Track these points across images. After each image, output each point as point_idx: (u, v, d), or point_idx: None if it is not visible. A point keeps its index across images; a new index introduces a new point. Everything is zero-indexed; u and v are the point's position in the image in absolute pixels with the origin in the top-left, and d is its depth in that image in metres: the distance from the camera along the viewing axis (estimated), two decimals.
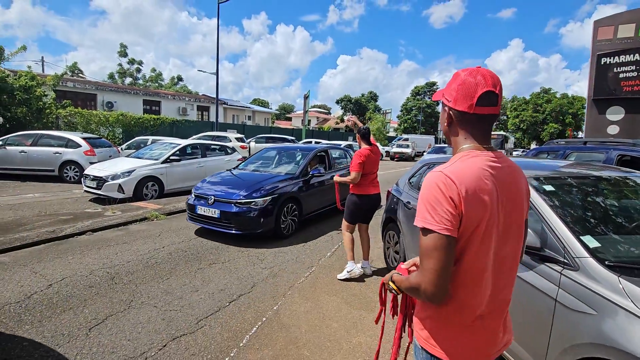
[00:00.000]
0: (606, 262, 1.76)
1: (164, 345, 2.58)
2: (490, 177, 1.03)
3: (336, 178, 4.10)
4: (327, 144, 13.63)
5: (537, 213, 2.16)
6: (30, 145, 10.16)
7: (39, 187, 9.17)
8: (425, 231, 0.99)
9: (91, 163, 9.30)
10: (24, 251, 4.41)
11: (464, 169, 1.02)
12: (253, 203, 5.01)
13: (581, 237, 1.93)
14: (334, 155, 7.36)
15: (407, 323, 1.42)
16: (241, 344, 2.65)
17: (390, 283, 1.29)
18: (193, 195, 5.54)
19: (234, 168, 6.84)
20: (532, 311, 1.98)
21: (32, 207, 6.87)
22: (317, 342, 2.73)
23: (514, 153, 26.43)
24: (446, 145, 18.04)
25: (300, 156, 6.63)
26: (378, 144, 4.36)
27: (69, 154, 10.19)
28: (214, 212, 5.12)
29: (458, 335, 1.09)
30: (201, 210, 5.28)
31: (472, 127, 1.10)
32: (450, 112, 1.12)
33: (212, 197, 5.23)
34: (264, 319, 3.03)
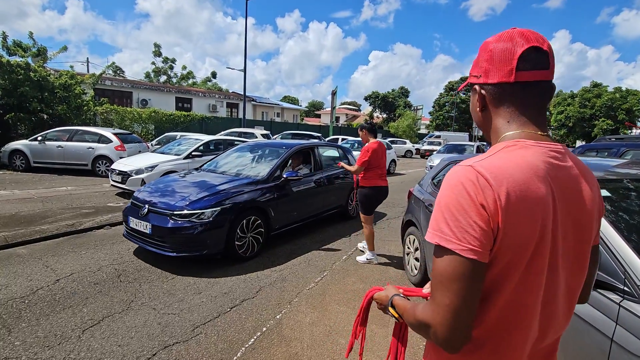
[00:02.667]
0: None
1: (154, 355, 2.40)
2: (547, 180, 0.69)
3: (341, 163, 4.63)
4: (319, 141, 12.74)
5: None
6: (67, 140, 10.64)
7: (72, 180, 9.56)
8: (441, 250, 0.68)
9: (121, 158, 9.57)
10: (42, 244, 4.48)
11: (506, 164, 0.69)
12: (195, 215, 3.79)
13: None
14: (325, 154, 6.30)
15: (399, 349, 1.07)
16: (235, 358, 2.41)
17: (391, 309, 0.94)
18: (130, 202, 4.35)
19: (198, 168, 5.61)
20: (579, 352, 1.56)
21: (62, 200, 7.11)
22: None
23: None
24: (470, 143, 16.22)
25: (279, 154, 5.22)
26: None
27: (101, 149, 10.56)
28: (145, 227, 3.88)
29: None
30: (133, 222, 4.05)
31: (517, 105, 0.76)
32: (482, 90, 0.80)
33: (146, 205, 4.02)
34: (264, 329, 2.78)
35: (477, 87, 0.81)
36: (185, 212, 3.81)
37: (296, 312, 3.06)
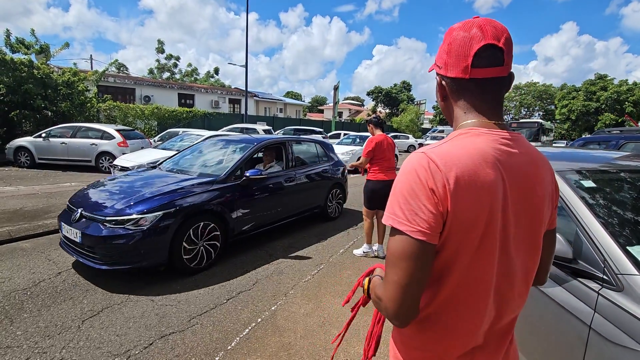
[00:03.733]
0: None
1: (150, 344, 2.46)
2: (496, 165, 0.72)
3: (350, 164, 4.96)
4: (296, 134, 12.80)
5: (571, 214, 1.75)
6: (70, 137, 10.76)
7: (76, 176, 9.68)
8: (394, 232, 0.72)
9: (123, 154, 9.67)
10: (45, 238, 4.57)
11: (457, 150, 0.72)
12: (132, 222, 3.23)
13: (628, 248, 1.51)
14: (302, 150, 5.78)
15: (373, 339, 1.15)
16: (229, 347, 2.47)
17: (365, 281, 1.05)
18: (66, 205, 3.85)
19: (155, 165, 5.07)
20: (558, 339, 1.59)
21: (65, 195, 7.21)
22: (312, 350, 2.49)
23: (556, 145, 22.95)
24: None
25: (244, 150, 4.61)
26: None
27: (104, 145, 10.67)
28: (75, 234, 3.34)
29: None
30: (65, 229, 3.50)
31: (474, 98, 0.79)
32: (443, 81, 0.83)
33: (79, 210, 3.48)
34: (259, 319, 2.84)
35: (437, 77, 0.85)
36: (121, 217, 3.25)
37: (291, 304, 3.11)
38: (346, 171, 6.35)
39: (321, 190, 5.64)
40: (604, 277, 1.50)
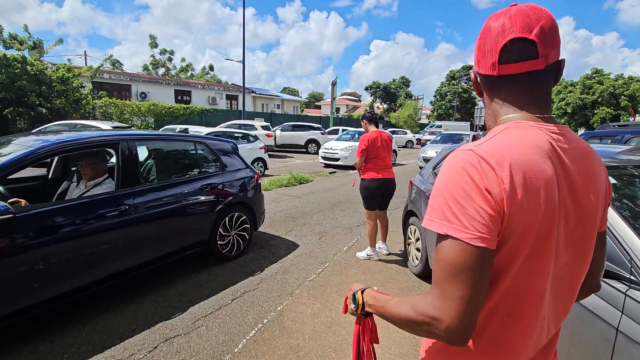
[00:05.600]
0: None
1: (155, 347, 2.40)
2: (549, 160, 0.66)
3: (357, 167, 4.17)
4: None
5: None
6: None
7: None
8: (448, 240, 0.63)
9: None
10: None
11: (507, 146, 0.65)
12: None
13: None
14: (161, 153, 3.80)
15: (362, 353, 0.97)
16: (236, 350, 2.41)
17: (359, 294, 0.86)
18: None
19: None
20: (584, 342, 1.54)
21: None
22: (321, 351, 2.43)
23: None
24: (466, 132, 15.52)
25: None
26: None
27: None
28: None
29: None
30: None
31: (510, 92, 0.73)
32: (478, 77, 0.79)
33: None
34: (266, 320, 2.77)
35: (472, 73, 0.80)
36: None
37: (297, 304, 3.05)
38: (259, 181, 4.41)
39: (203, 217, 3.58)
40: (632, 277, 1.44)
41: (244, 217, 4.05)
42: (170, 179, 3.53)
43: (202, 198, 3.59)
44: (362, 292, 0.87)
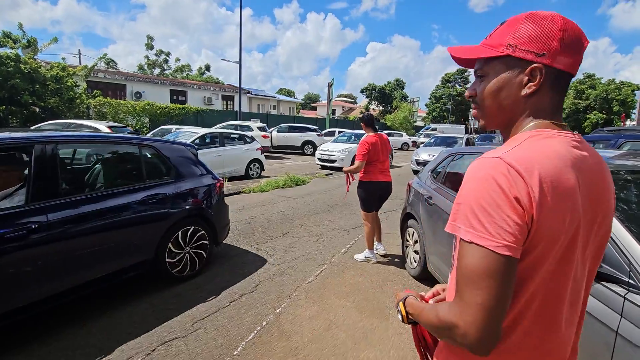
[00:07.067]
0: None
1: (152, 350, 2.37)
2: (574, 169, 0.67)
3: (345, 168, 4.17)
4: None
5: None
6: None
7: None
8: (472, 247, 0.64)
9: None
10: None
11: (536, 154, 0.66)
12: None
13: None
14: (97, 157, 3.50)
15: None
16: (235, 353, 2.39)
17: (401, 305, 0.90)
18: None
19: None
20: (584, 345, 1.54)
21: None
22: (320, 355, 2.42)
23: None
24: (460, 135, 15.31)
25: None
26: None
27: None
28: None
29: None
30: None
31: (558, 95, 0.74)
32: (544, 71, 0.70)
33: None
34: (264, 323, 2.76)
35: (538, 66, 0.70)
36: None
37: (296, 306, 3.04)
38: (222, 189, 3.97)
39: (146, 234, 3.11)
40: (630, 281, 1.46)
41: (202, 231, 3.57)
42: (102, 190, 3.01)
43: (146, 211, 3.09)
44: (403, 303, 0.89)
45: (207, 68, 38.53)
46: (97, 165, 3.32)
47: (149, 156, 3.43)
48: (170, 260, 3.29)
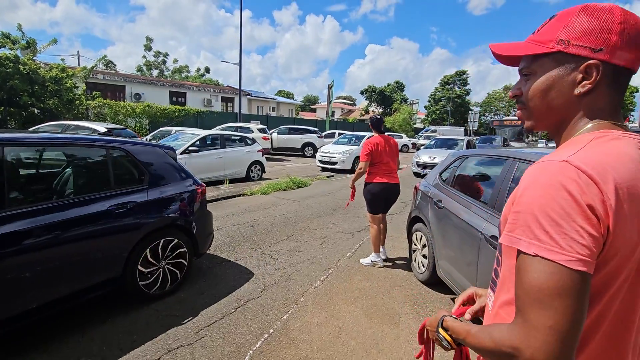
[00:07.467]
0: None
1: (158, 359, 2.30)
2: None
3: (350, 182, 4.07)
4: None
5: None
6: None
7: None
8: (538, 262, 0.56)
9: None
10: None
11: (606, 157, 0.60)
12: None
13: None
14: (47, 161, 3.17)
15: None
16: None
17: (442, 331, 0.81)
18: None
19: None
20: None
21: None
22: None
23: (542, 145, 21.73)
24: (461, 137, 15.10)
25: None
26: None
27: None
28: None
29: None
30: None
31: (617, 93, 0.68)
32: (601, 68, 0.64)
33: None
34: (271, 330, 2.69)
35: (594, 62, 0.65)
36: None
37: (303, 313, 2.97)
38: (204, 196, 3.65)
39: (112, 248, 2.75)
40: None
41: (180, 242, 3.21)
42: (58, 200, 2.65)
43: (110, 223, 2.71)
44: (444, 329, 0.81)
45: (207, 70, 38.56)
46: (55, 171, 2.97)
47: (119, 160, 3.02)
48: (141, 276, 2.93)
